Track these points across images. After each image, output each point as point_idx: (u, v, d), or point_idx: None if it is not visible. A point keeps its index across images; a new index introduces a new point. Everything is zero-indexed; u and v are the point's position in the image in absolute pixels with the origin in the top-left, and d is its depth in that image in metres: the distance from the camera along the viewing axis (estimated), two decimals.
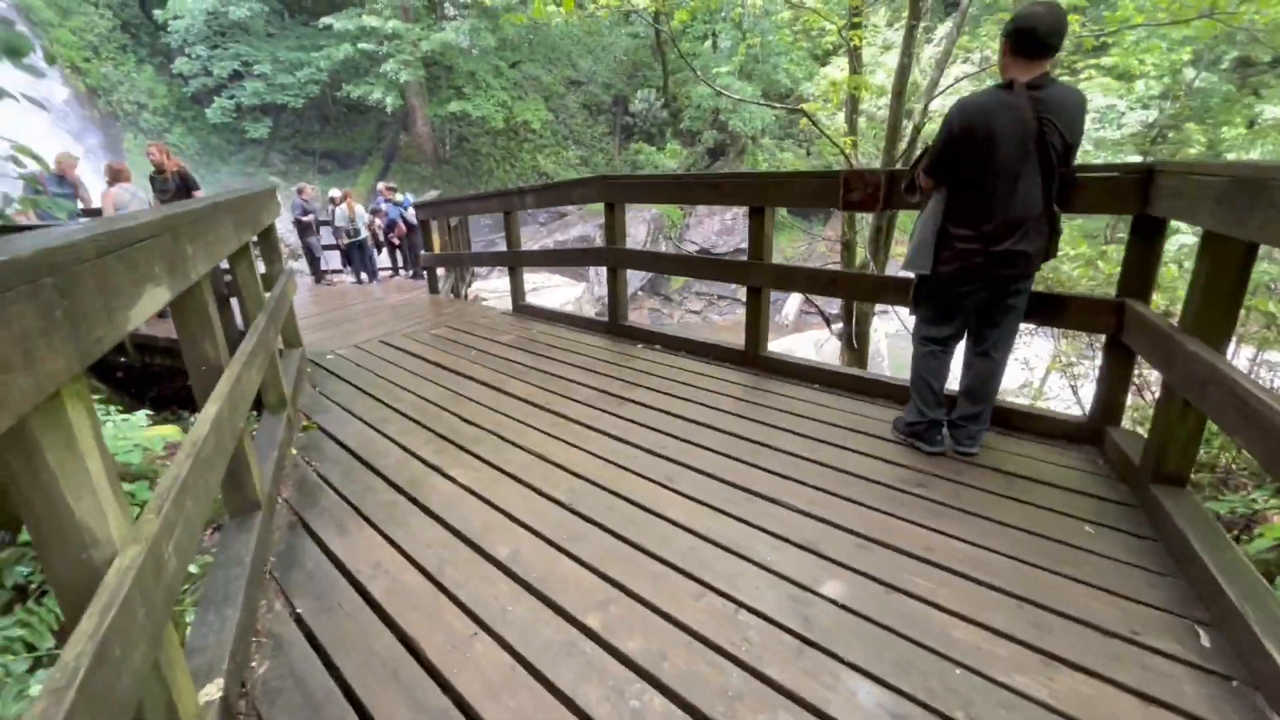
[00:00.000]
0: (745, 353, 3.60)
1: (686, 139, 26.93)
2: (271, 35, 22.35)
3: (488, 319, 5.08)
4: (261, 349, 2.41)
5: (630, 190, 3.82)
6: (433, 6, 22.86)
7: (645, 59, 28.31)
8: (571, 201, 4.23)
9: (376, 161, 25.03)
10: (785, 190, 3.13)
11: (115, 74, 20.89)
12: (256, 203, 2.87)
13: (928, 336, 2.50)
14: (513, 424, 3.00)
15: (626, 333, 4.28)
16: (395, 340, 4.54)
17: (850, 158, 7.99)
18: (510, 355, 4.08)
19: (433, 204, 5.68)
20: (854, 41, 7.34)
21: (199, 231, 1.71)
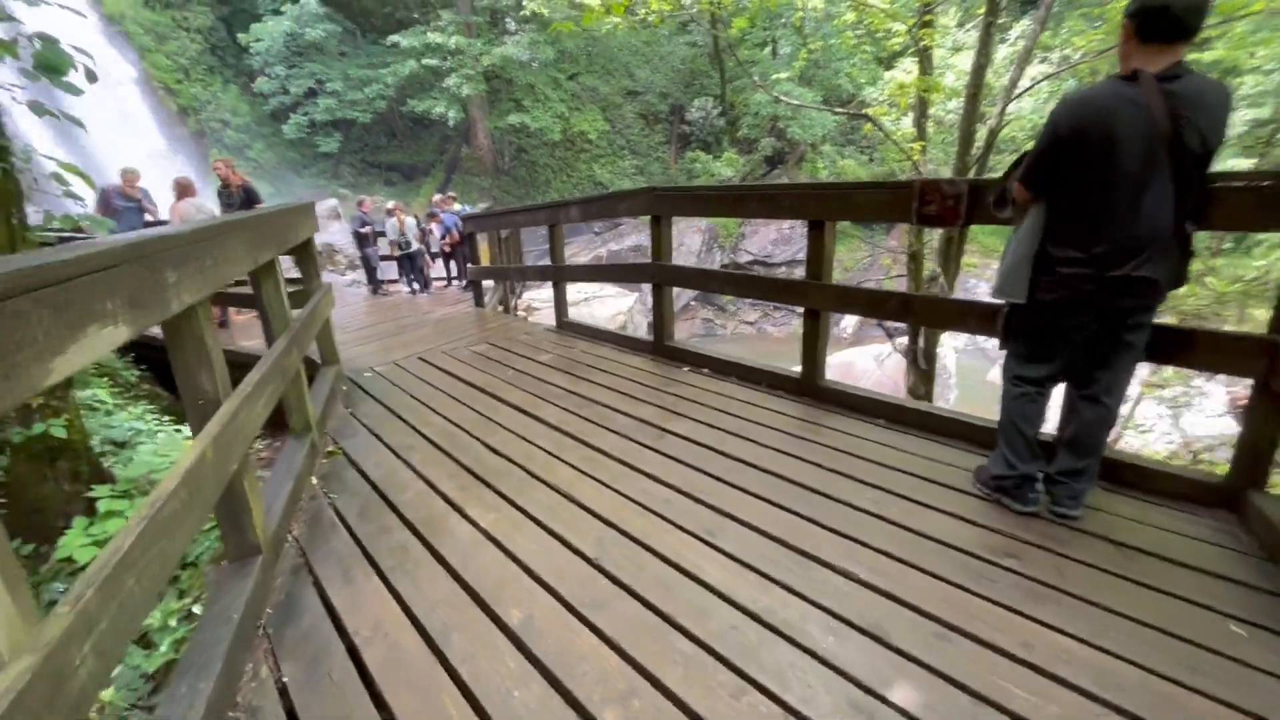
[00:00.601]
0: (801, 381, 3.27)
1: (744, 147, 26.50)
2: (344, 54, 23.38)
3: (530, 336, 4.91)
4: (277, 375, 2.27)
5: (678, 203, 3.56)
6: (494, 21, 23.39)
7: (703, 67, 28.09)
8: (618, 214, 4.01)
9: (439, 173, 25.76)
10: (850, 203, 2.80)
11: (204, 94, 22.28)
12: (283, 220, 2.76)
13: (1021, 376, 2.12)
14: (542, 456, 2.77)
15: (672, 354, 4.00)
16: (434, 357, 4.42)
17: (918, 165, 7.47)
18: (548, 376, 3.88)
19: (479, 217, 5.59)
20: (924, 41, 6.86)
21: (186, 256, 1.55)
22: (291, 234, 2.98)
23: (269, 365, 2.18)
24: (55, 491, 3.25)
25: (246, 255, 2.11)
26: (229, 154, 22.73)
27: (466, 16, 22.13)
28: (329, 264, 10.36)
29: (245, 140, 23.08)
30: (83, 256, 1.07)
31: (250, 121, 23.35)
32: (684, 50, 28.06)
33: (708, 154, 26.04)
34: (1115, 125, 1.72)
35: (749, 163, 26.09)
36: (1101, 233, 1.81)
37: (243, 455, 1.81)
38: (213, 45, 23.27)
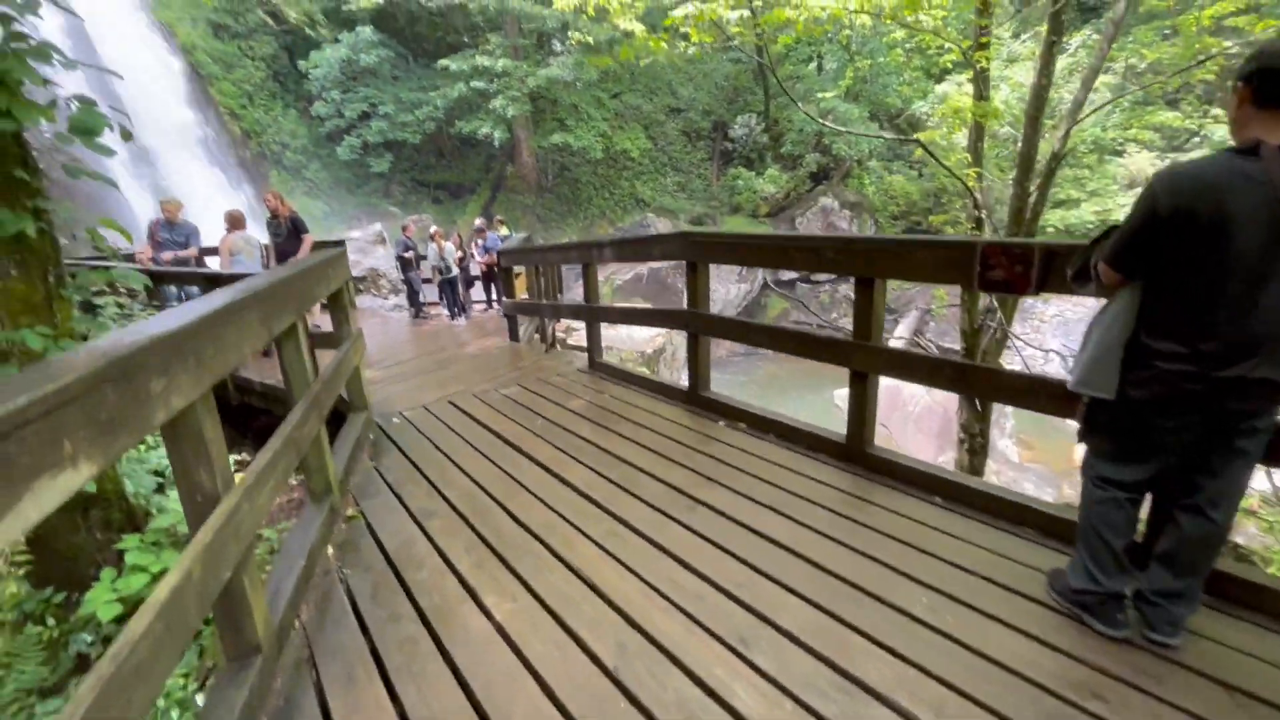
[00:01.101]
0: (847, 446, 3.02)
1: (787, 163, 26.15)
2: (396, 78, 24.16)
3: (562, 377, 4.78)
4: (290, 450, 2.18)
5: (715, 250, 3.38)
6: (541, 44, 23.80)
7: (746, 84, 27.93)
8: (652, 258, 3.86)
9: (484, 191, 26.29)
10: (902, 261, 2.56)
11: (265, 118, 23.34)
12: (308, 278, 2.70)
13: (1107, 478, 1.84)
14: (565, 528, 2.61)
15: (708, 405, 3.80)
16: (464, 401, 4.33)
17: (974, 191, 7.09)
18: (577, 428, 3.72)
19: (514, 252, 5.54)
20: (981, 64, 6.51)
21: (180, 353, 1.45)
22: (320, 289, 2.93)
23: (281, 442, 2.08)
24: (87, 540, 3.27)
25: (260, 329, 2.03)
26: (287, 174, 23.75)
27: (514, 40, 22.59)
28: (373, 289, 10.57)
29: (302, 161, 24.07)
30: (31, 401, 0.95)
31: (307, 143, 24.35)
32: (727, 67, 27.97)
33: (750, 170, 25.80)
34: (1230, 205, 1.45)
35: (793, 179, 25.71)
36: (1210, 328, 1.54)
37: (243, 553, 1.70)
38: (275, 72, 24.40)
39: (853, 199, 25.30)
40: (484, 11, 21.76)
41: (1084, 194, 22.30)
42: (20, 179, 2.54)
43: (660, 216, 24.85)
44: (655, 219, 24.66)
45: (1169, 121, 13.09)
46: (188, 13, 21.57)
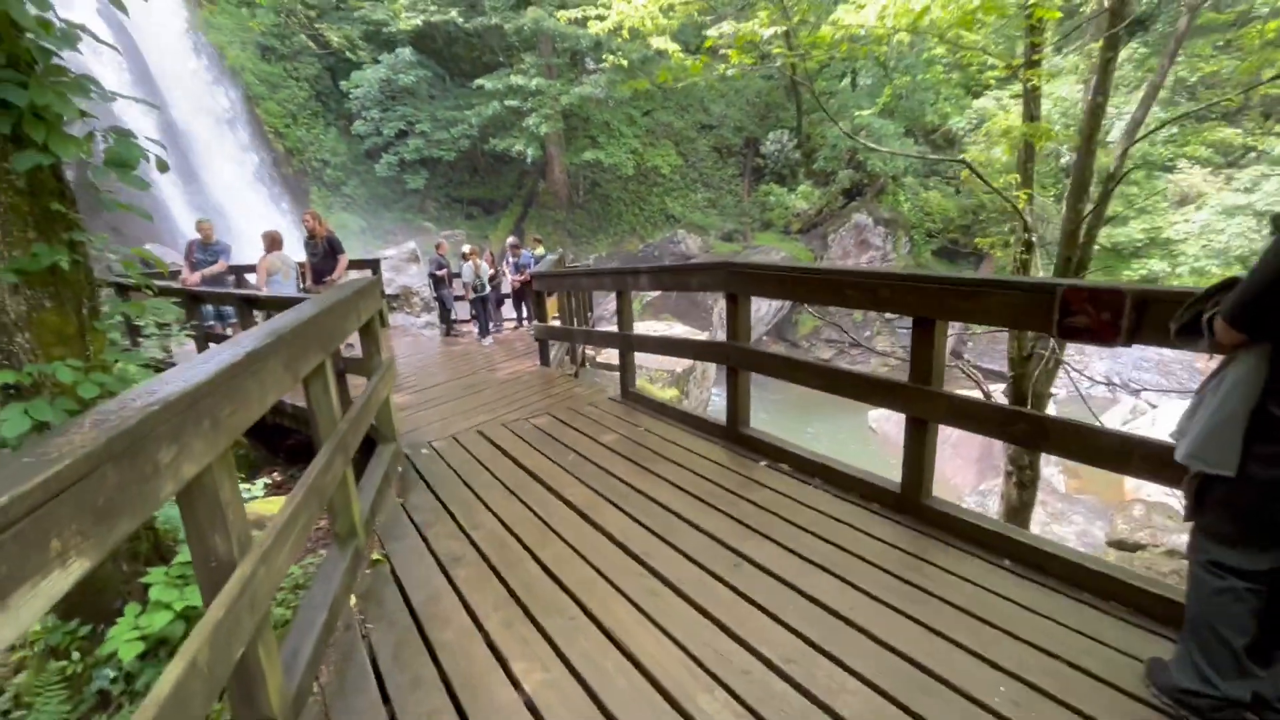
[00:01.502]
0: (903, 497, 2.79)
1: (820, 179, 25.87)
2: (433, 97, 24.69)
3: (594, 407, 4.64)
4: (314, 500, 2.07)
5: (759, 283, 3.21)
6: (574, 62, 24.07)
7: (778, 100, 27.81)
8: (689, 288, 3.71)
9: (516, 207, 26.59)
10: (970, 302, 2.35)
11: (307, 137, 24.05)
12: (337, 314, 2.61)
13: (1224, 564, 1.60)
14: (599, 584, 2.44)
15: (748, 443, 3.61)
16: (494, 431, 4.22)
17: (1024, 213, 6.78)
18: (611, 465, 3.56)
19: (546, 275, 5.44)
20: (1031, 83, 6.24)
21: (196, 414, 1.34)
22: (349, 322, 2.84)
23: (304, 493, 1.97)
24: (114, 571, 3.22)
25: (284, 375, 1.92)
26: (327, 191, 24.38)
27: (548, 59, 22.89)
28: (405, 306, 10.65)
29: (341, 178, 24.70)
30: (13, 499, 0.83)
31: (347, 160, 24.99)
32: (760, 84, 27.90)
33: (782, 187, 25.59)
34: None
35: (825, 195, 25.41)
36: None
37: (259, 623, 1.58)
38: (318, 92, 25.18)
39: (887, 216, 24.86)
40: (519, 32, 22.13)
41: (1132, 211, 21.53)
42: (57, 211, 2.52)
43: (690, 232, 24.76)
44: (685, 235, 24.57)
45: (1229, 138, 12.51)
46: (237, 36, 22.40)
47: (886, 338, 22.80)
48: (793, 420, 17.59)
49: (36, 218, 2.48)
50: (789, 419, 17.60)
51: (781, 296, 3.19)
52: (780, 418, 17.11)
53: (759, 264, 3.10)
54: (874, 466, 3.27)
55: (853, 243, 24.68)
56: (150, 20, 18.83)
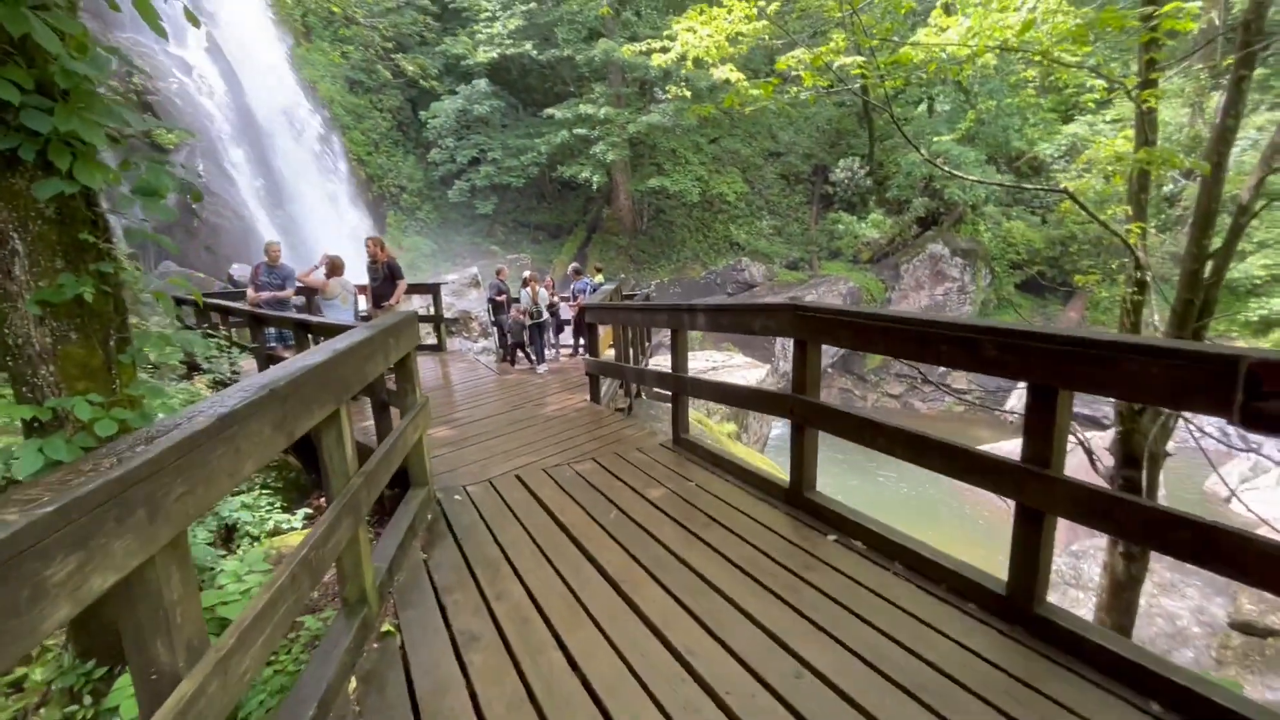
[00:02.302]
0: (1009, 599, 2.27)
1: (892, 207, 24.90)
2: (505, 126, 25.49)
3: (642, 453, 4.27)
4: (304, 576, 1.79)
5: (831, 329, 2.78)
6: (643, 91, 24.30)
7: (849, 127, 27.13)
8: (751, 331, 3.32)
9: (580, 233, 26.92)
10: (1106, 370, 1.85)
11: (387, 164, 25.28)
12: (363, 352, 2.39)
13: None
14: (629, 686, 2.05)
15: (814, 511, 3.14)
16: (533, 478, 3.91)
17: (1137, 249, 6.01)
18: (656, 527, 3.18)
19: (599, 308, 5.17)
20: (1147, 104, 5.54)
21: (127, 506, 1.08)
22: (374, 364, 2.61)
23: (291, 570, 1.70)
24: None
25: (274, 436, 1.67)
26: (402, 215, 25.47)
27: (617, 89, 23.21)
28: (464, 331, 10.69)
29: (417, 203, 25.77)
30: None
31: (422, 186, 26.09)
32: (830, 111, 27.34)
33: (851, 215, 24.77)
34: None
35: (897, 224, 24.41)
36: None
37: None
38: (399, 122, 26.53)
39: (966, 246, 23.59)
40: (590, 63, 22.57)
41: (1251, 245, 19.50)
42: (86, 241, 2.42)
43: (755, 260, 24.26)
44: (749, 263, 24.09)
45: None
46: (328, 70, 23.91)
47: (964, 374, 21.42)
48: (859, 457, 16.59)
49: (66, 247, 2.38)
50: (853, 455, 16.60)
51: (858, 346, 2.72)
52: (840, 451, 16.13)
53: (832, 308, 2.68)
54: (959, 524, 2.73)
55: (927, 273, 23.51)
56: (251, 57, 20.36)
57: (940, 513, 13.64)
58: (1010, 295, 24.78)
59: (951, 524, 13.28)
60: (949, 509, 13.84)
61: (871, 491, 14.67)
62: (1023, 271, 24.35)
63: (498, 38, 22.91)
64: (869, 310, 2.57)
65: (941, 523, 13.35)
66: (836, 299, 22.41)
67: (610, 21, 22.72)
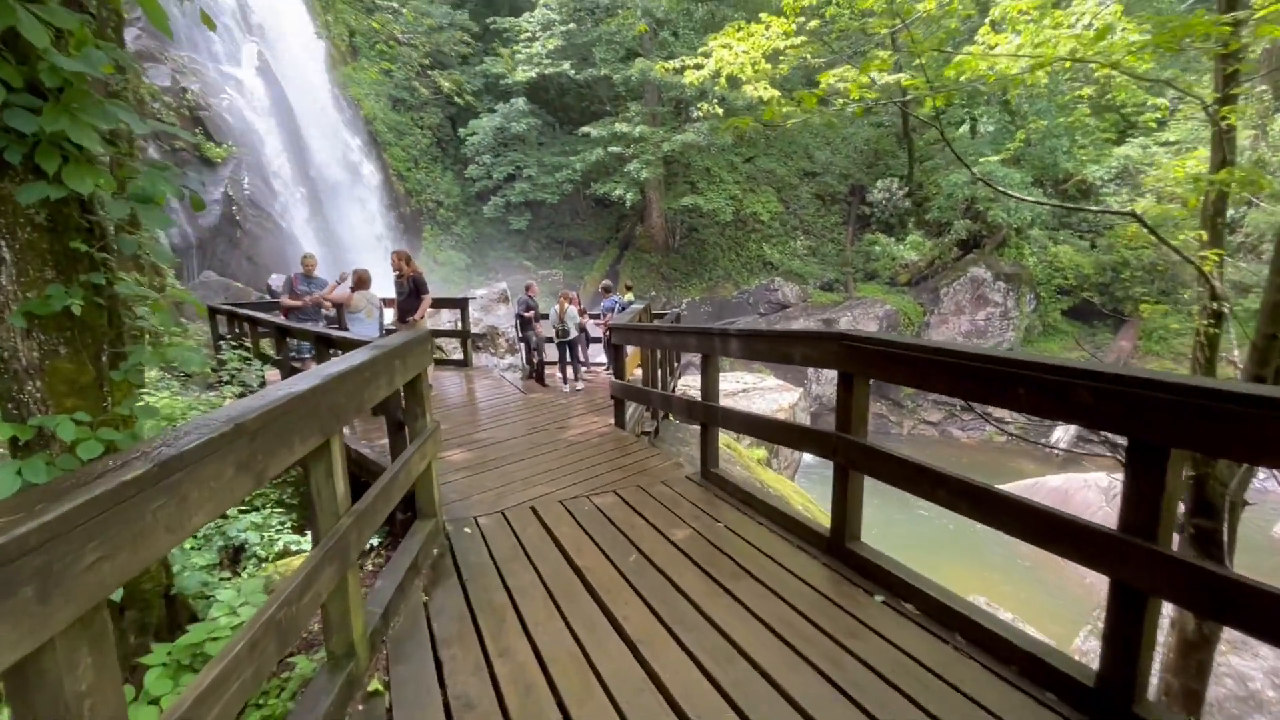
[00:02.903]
0: (1100, 694, 1.90)
1: (931, 229, 24.24)
2: (542, 144, 25.76)
3: (668, 486, 3.97)
4: (272, 639, 1.55)
5: (884, 364, 2.46)
6: (678, 110, 24.31)
7: (888, 148, 26.65)
8: (790, 361, 3.02)
9: (613, 250, 26.90)
10: (1237, 429, 1.51)
11: (426, 179, 25.74)
12: (362, 375, 2.17)
13: None
14: None
15: (857, 565, 2.79)
16: (549, 511, 3.64)
17: (1213, 278, 5.52)
18: (679, 573, 2.87)
19: (624, 329, 4.92)
20: (1228, 121, 5.09)
21: (12, 586, 0.85)
22: (376, 388, 2.39)
23: (249, 637, 1.45)
24: (120, 645, 2.90)
25: (238, 479, 1.44)
26: (439, 229, 25.84)
27: (653, 108, 23.26)
28: (490, 347, 10.57)
29: (453, 218, 26.14)
30: None
31: (459, 202, 26.48)
32: (868, 131, 26.93)
33: (889, 236, 24.19)
34: None
35: (937, 246, 23.73)
36: None
37: None
38: (439, 139, 27.04)
39: (1009, 270, 22.78)
40: (626, 82, 22.67)
41: None
42: (78, 250, 2.27)
43: (788, 280, 23.83)
44: (783, 283, 23.67)
45: None
46: (372, 89, 24.54)
47: None
48: (900, 505, 15.82)
49: (57, 257, 2.24)
50: (892, 499, 15.82)
51: (915, 384, 2.37)
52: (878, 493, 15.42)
53: (885, 339, 2.37)
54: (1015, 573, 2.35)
55: (968, 298, 22.74)
56: (299, 75, 21.00)
57: (991, 556, 12.56)
58: (1057, 322, 23.81)
59: (1009, 573, 12.24)
60: (1001, 551, 12.79)
61: (913, 526, 13.84)
62: (1070, 297, 23.39)
63: (536, 57, 23.21)
64: (931, 344, 2.25)
65: (993, 568, 12.38)
66: (873, 322, 21.82)
67: (648, 42, 22.85)
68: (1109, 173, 22.10)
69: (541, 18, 23.44)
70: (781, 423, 3.21)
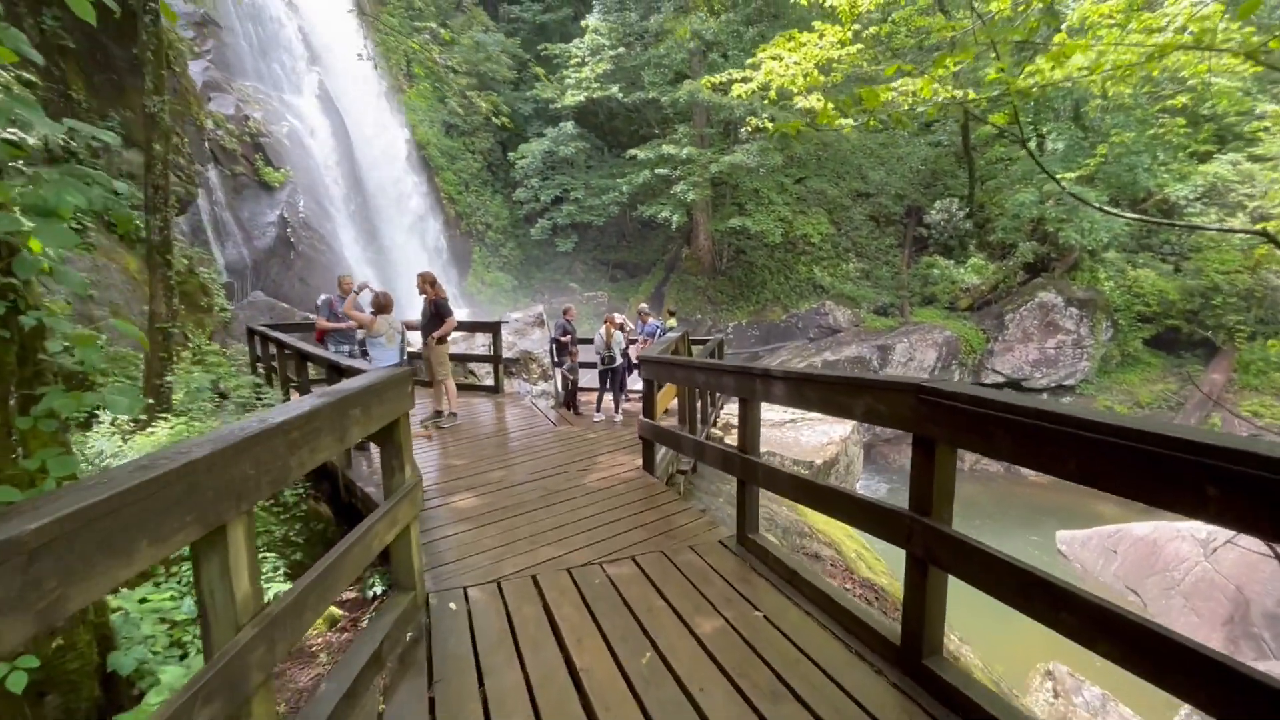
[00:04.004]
0: None
1: (995, 252, 22.82)
2: (590, 167, 25.79)
3: (697, 554, 3.34)
4: None
5: (980, 428, 1.80)
6: (727, 132, 23.90)
7: (946, 167, 25.41)
8: (851, 415, 2.38)
9: (658, 272, 26.52)
10: None
11: (476, 202, 26.09)
12: (282, 437, 1.67)
13: None
14: None
15: (940, 693, 2.10)
16: (553, 584, 3.06)
17: None
18: (705, 688, 2.24)
19: (654, 362, 4.32)
20: None
21: None
22: (320, 445, 1.89)
23: None
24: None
25: (109, 574, 0.94)
26: (487, 251, 26.09)
27: (701, 129, 22.93)
28: (524, 373, 10.19)
29: (501, 240, 26.37)
30: None
31: (507, 224, 26.73)
32: (925, 150, 25.80)
33: (947, 259, 22.89)
34: None
35: (1001, 270, 22.29)
36: None
37: None
38: (489, 163, 27.46)
39: (1082, 295, 21.13)
40: (675, 104, 22.44)
41: None
42: None
43: (840, 304, 22.80)
44: (834, 306, 22.66)
45: None
46: (427, 115, 25.15)
47: None
48: (976, 519, 14.55)
49: None
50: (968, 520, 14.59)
51: (1028, 460, 1.70)
52: None
53: (986, 396, 1.72)
54: None
55: (1036, 324, 21.17)
56: (357, 102, 21.66)
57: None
58: (1138, 351, 21.95)
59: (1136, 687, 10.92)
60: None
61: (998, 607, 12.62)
62: (1153, 325, 21.53)
63: (585, 81, 23.29)
64: (1057, 408, 1.59)
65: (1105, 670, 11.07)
66: (931, 349, 20.57)
67: (696, 64, 22.61)
68: (1194, 191, 20.36)
69: (591, 43, 23.57)
70: (844, 494, 2.51)
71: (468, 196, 25.96)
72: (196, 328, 10.28)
